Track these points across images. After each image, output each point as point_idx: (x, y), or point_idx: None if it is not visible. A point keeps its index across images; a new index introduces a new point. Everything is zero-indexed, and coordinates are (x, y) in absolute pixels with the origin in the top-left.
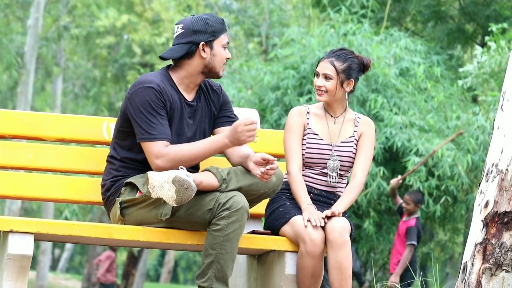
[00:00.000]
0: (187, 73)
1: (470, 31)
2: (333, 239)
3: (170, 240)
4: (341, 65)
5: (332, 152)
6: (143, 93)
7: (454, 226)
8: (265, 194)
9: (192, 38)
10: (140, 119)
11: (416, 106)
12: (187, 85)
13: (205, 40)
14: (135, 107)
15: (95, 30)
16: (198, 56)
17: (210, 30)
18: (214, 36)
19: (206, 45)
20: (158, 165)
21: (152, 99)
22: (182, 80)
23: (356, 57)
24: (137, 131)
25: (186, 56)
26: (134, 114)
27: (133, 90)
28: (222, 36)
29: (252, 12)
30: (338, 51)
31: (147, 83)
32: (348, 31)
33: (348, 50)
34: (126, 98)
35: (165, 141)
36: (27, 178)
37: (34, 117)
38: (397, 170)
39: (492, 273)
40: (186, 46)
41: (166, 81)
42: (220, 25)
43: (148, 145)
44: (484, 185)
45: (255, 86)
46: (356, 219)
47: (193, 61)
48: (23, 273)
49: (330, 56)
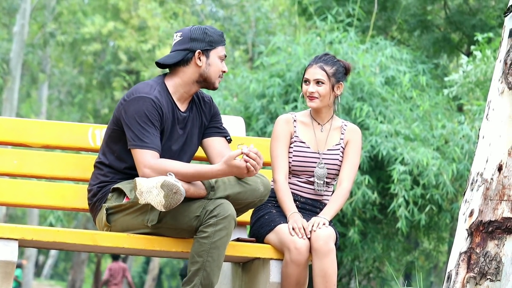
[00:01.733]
0: (182, 81)
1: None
2: (318, 247)
3: (155, 247)
4: (331, 69)
5: (320, 160)
6: (139, 102)
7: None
8: (252, 203)
9: (189, 45)
10: (133, 126)
11: (402, 114)
12: (181, 95)
13: (202, 48)
14: (130, 115)
15: (81, 37)
16: (194, 64)
17: (207, 40)
18: (211, 46)
19: (203, 54)
20: (145, 173)
21: (148, 110)
22: (177, 89)
23: (339, 61)
24: (129, 137)
25: (182, 63)
26: (128, 121)
27: (130, 98)
28: (219, 47)
29: (238, 20)
30: (324, 56)
31: (146, 94)
32: (334, 39)
33: (331, 54)
34: (121, 104)
35: (156, 152)
36: (12, 184)
37: (19, 123)
38: (382, 178)
39: (476, 282)
40: (183, 53)
41: (162, 92)
42: (218, 36)
43: (138, 153)
44: (469, 194)
45: (240, 94)
46: (341, 228)
47: (189, 69)
48: (7, 279)
49: (318, 62)
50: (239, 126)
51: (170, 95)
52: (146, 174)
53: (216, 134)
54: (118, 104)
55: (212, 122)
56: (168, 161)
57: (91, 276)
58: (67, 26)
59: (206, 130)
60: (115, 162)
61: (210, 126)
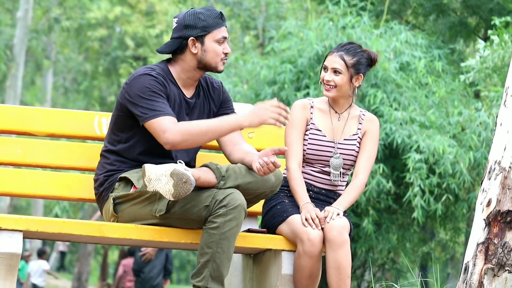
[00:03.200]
0: (182, 68)
1: (473, 25)
2: (332, 238)
3: (164, 238)
4: (351, 59)
5: (335, 150)
6: (140, 80)
7: (455, 226)
8: (263, 194)
9: (183, 33)
10: (140, 102)
11: (417, 101)
12: (185, 81)
13: (195, 35)
14: (134, 94)
15: (86, 22)
16: (189, 52)
17: (201, 25)
18: (205, 31)
19: (197, 40)
20: (167, 138)
21: (151, 84)
22: (180, 75)
23: (364, 51)
24: (139, 113)
25: (178, 51)
26: (134, 100)
27: (131, 79)
28: (215, 31)
29: (248, 5)
30: (347, 44)
31: (146, 71)
32: (347, 24)
33: (357, 44)
34: (123, 89)
35: (171, 116)
36: (16, 174)
37: (24, 111)
38: (397, 167)
39: (494, 273)
40: (177, 41)
41: (165, 75)
42: (214, 19)
43: (154, 122)
44: (486, 183)
45: (251, 81)
46: (355, 218)
47: (186, 57)
48: (12, 272)
49: (339, 50)
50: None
51: (174, 80)
52: (168, 137)
53: None
54: (121, 90)
55: (222, 108)
56: (189, 122)
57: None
58: (72, 11)
59: (216, 117)
60: (123, 149)
61: (220, 113)
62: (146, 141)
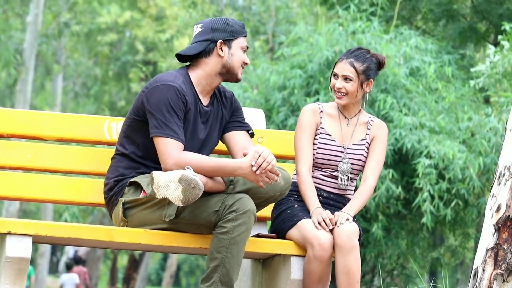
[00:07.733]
0: (205, 73)
1: (483, 30)
2: (341, 243)
3: (173, 243)
4: (361, 65)
5: (344, 155)
6: (164, 90)
7: (465, 231)
8: (272, 197)
9: (211, 36)
10: (157, 113)
11: (427, 106)
12: (204, 87)
13: (224, 38)
14: (153, 103)
15: (96, 27)
16: (216, 55)
17: (229, 30)
18: (233, 36)
19: (225, 44)
20: (165, 162)
21: (172, 99)
22: (200, 81)
23: (372, 56)
24: (152, 125)
25: (204, 54)
26: (151, 109)
27: (153, 86)
28: (241, 38)
29: (258, 9)
30: (356, 51)
31: (169, 82)
32: (357, 29)
33: (365, 49)
34: (142, 92)
35: (180, 142)
36: (25, 178)
37: (33, 116)
38: (406, 172)
39: (504, 279)
40: (204, 44)
41: (186, 83)
42: (240, 27)
43: (162, 141)
44: (496, 188)
45: (260, 86)
46: (364, 223)
47: (211, 60)
48: (21, 276)
49: (349, 57)
50: (260, 119)
51: (193, 87)
52: (169, 166)
53: (238, 128)
54: (139, 93)
55: (234, 116)
56: (192, 155)
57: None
58: (83, 16)
59: (228, 125)
60: (137, 152)
61: (232, 121)
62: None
